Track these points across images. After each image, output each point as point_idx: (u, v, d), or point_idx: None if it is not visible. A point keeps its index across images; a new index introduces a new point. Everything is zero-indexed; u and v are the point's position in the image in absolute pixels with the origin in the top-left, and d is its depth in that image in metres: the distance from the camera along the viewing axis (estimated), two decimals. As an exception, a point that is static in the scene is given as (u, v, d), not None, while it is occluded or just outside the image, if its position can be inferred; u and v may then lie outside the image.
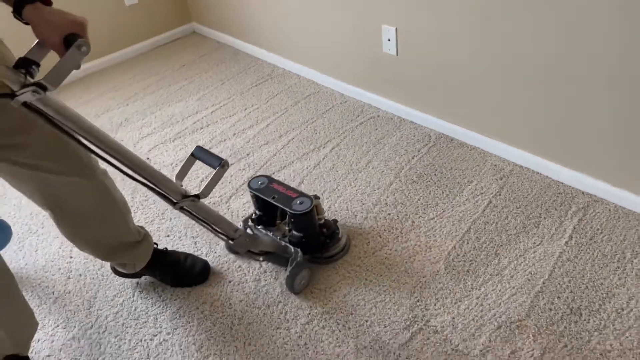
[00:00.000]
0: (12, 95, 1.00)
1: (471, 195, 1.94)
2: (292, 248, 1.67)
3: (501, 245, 1.73)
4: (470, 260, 1.69)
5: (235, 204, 2.04)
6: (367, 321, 1.55)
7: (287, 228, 1.74)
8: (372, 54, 2.39)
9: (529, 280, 1.61)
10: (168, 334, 1.59)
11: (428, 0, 2.01)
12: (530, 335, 1.45)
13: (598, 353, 1.39)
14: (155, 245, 1.70)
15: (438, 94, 2.22)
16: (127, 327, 1.62)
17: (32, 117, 1.08)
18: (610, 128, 1.73)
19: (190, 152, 1.34)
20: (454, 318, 1.53)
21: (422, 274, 1.67)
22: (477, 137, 2.16)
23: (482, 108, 2.08)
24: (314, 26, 2.62)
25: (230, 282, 1.72)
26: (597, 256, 1.66)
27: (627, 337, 1.42)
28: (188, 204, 1.31)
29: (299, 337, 1.53)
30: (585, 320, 1.48)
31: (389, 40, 2.26)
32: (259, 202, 1.74)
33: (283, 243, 1.70)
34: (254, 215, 1.79)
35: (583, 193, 1.89)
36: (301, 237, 1.68)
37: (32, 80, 1.03)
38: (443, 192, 1.97)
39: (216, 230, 1.44)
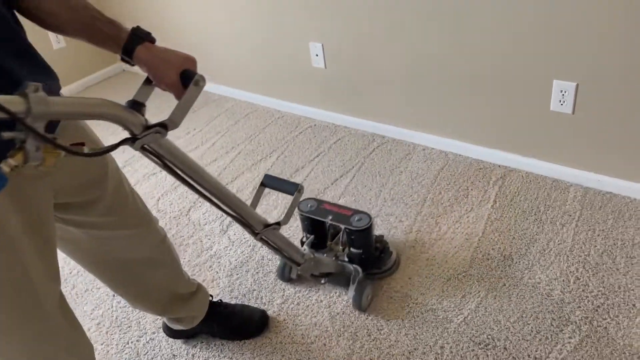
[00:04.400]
0: (134, 139, 0.93)
1: (408, 179, 2.21)
2: (350, 267, 1.67)
3: (439, 215, 2.00)
4: (416, 231, 1.94)
5: (195, 215, 2.17)
6: (336, 292, 1.73)
7: (340, 247, 1.73)
8: (302, 69, 2.64)
9: (467, 239, 1.87)
10: (153, 333, 1.68)
11: (349, 16, 2.30)
12: (475, 281, 1.71)
13: (530, 285, 1.67)
14: (210, 297, 1.62)
15: (364, 98, 2.50)
16: (111, 334, 1.70)
17: (103, 172, 1.11)
18: (518, 104, 2.07)
19: (259, 182, 1.30)
20: (410, 277, 1.75)
21: (377, 248, 1.89)
22: (405, 132, 2.45)
23: (405, 105, 2.38)
24: (243, 50, 2.84)
25: (203, 280, 1.85)
26: (518, 213, 1.96)
27: (551, 270, 1.71)
28: (268, 232, 1.30)
29: (277, 315, 1.68)
30: (516, 263, 1.76)
31: (317, 55, 2.52)
32: (312, 224, 1.70)
33: (341, 263, 1.69)
34: (305, 238, 1.76)
35: (499, 166, 2.21)
36: (360, 253, 1.66)
37: (151, 122, 0.95)
38: (382, 179, 2.22)
39: (286, 257, 1.45)
